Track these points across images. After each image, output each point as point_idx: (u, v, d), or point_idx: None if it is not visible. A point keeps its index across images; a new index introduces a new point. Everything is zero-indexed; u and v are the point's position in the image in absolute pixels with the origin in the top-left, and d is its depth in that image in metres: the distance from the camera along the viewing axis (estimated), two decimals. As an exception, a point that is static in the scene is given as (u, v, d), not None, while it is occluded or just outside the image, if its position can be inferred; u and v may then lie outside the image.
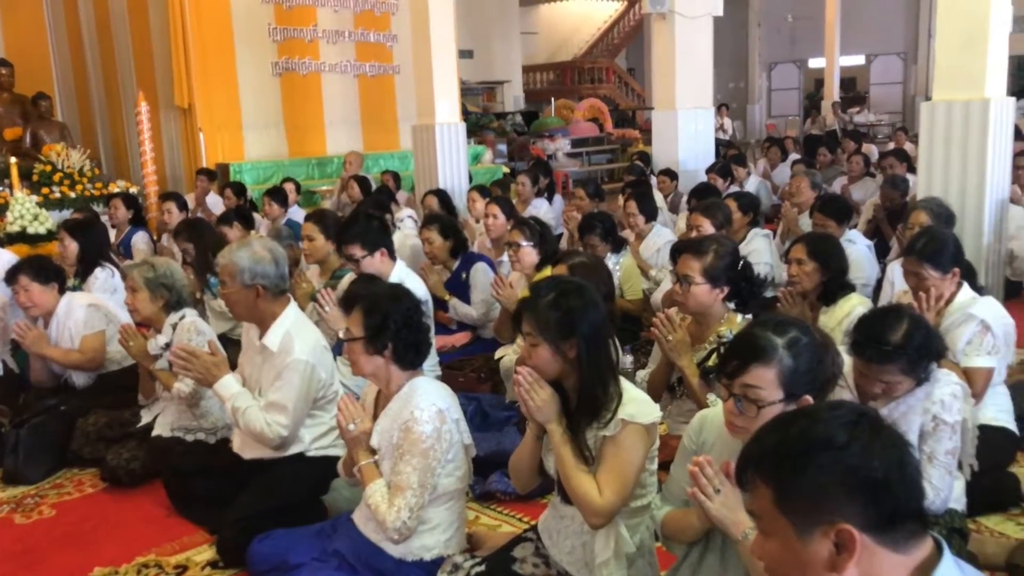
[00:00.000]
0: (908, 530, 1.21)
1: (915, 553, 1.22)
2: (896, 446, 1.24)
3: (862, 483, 1.20)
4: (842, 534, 1.19)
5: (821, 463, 1.21)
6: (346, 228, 4.11)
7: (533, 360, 2.25)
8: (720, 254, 3.07)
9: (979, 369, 3.15)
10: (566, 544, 2.39)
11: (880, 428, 1.26)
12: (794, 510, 1.23)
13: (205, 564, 2.92)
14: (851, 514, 1.19)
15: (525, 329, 2.27)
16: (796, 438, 1.26)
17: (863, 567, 1.20)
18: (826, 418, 1.27)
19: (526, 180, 7.17)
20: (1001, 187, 4.53)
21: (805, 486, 1.22)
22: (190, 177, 9.85)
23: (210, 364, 3.05)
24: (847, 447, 1.22)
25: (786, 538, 1.24)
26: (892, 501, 1.20)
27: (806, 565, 1.23)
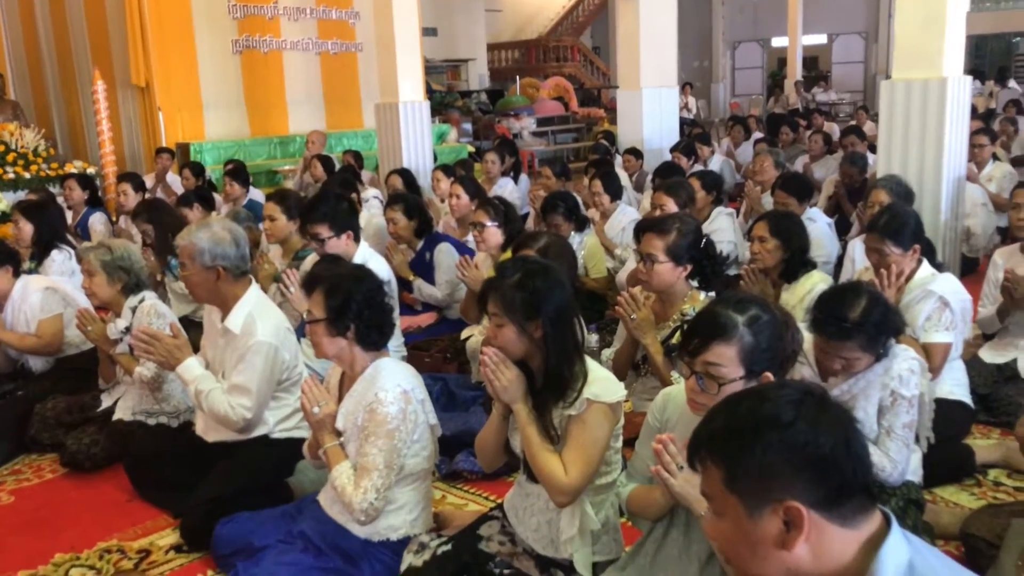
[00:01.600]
0: (856, 505, 1.23)
1: (864, 527, 1.23)
2: (842, 423, 1.25)
3: (809, 460, 1.21)
4: (790, 511, 1.20)
5: (768, 442, 1.22)
6: (314, 207, 4.05)
7: (499, 340, 2.25)
8: (683, 232, 3.09)
9: (937, 344, 3.22)
10: (532, 522, 2.40)
11: (826, 406, 1.27)
12: (743, 489, 1.24)
13: (169, 548, 2.89)
14: (799, 491, 1.20)
15: (491, 309, 2.26)
16: (743, 418, 1.27)
17: (812, 543, 1.21)
18: (773, 397, 1.27)
19: (494, 159, 7.14)
20: (958, 165, 4.60)
21: (753, 465, 1.22)
22: (150, 157, 9.66)
23: (172, 347, 3.01)
24: (793, 425, 1.22)
25: (737, 517, 1.25)
26: (839, 477, 1.21)
27: (757, 543, 1.24)
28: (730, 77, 23.19)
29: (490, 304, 2.27)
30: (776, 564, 1.23)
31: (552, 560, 2.35)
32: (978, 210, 5.84)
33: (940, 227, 4.55)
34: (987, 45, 21.40)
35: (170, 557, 2.85)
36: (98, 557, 2.86)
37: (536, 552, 2.38)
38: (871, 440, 2.58)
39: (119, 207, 6.68)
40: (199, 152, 9.48)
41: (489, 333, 2.28)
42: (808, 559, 1.22)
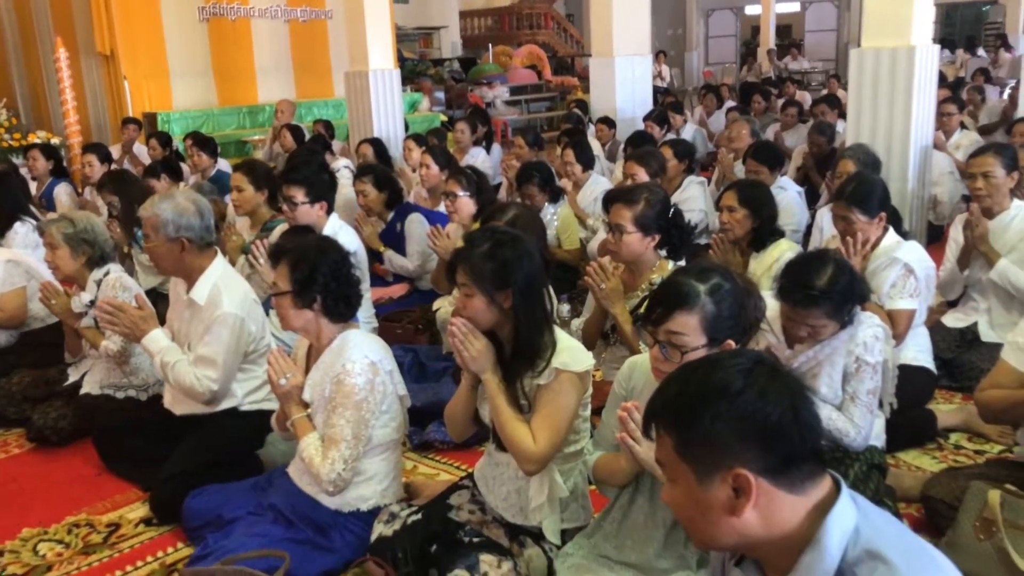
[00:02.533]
0: (805, 472, 1.24)
1: (813, 493, 1.25)
2: (791, 391, 1.26)
3: (756, 429, 1.22)
4: (739, 479, 1.22)
5: (717, 411, 1.23)
6: (295, 168, 3.99)
7: (468, 311, 2.25)
8: (651, 203, 3.09)
9: (902, 311, 3.26)
10: (501, 491, 2.42)
11: (775, 374, 1.28)
12: (693, 457, 1.25)
13: (138, 521, 2.88)
14: (747, 459, 1.21)
15: (460, 280, 2.26)
16: (694, 387, 1.28)
17: (761, 509, 1.23)
18: (725, 366, 1.28)
19: (465, 128, 7.09)
20: (925, 133, 4.64)
21: (702, 433, 1.24)
22: (116, 127, 9.48)
23: (137, 318, 2.98)
24: (742, 394, 1.24)
25: (688, 484, 1.27)
26: (787, 445, 1.22)
27: (707, 510, 1.26)
28: (703, 45, 23.13)
29: (459, 274, 2.26)
30: (727, 529, 1.25)
31: (522, 528, 2.37)
32: (945, 178, 5.90)
33: (907, 195, 4.60)
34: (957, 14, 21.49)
35: (140, 530, 2.84)
36: (67, 531, 2.85)
37: (506, 520, 2.40)
38: (835, 406, 2.62)
39: (84, 178, 6.57)
40: (166, 122, 9.34)
41: (458, 303, 2.28)
42: (758, 525, 1.23)
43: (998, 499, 2.30)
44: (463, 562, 2.21)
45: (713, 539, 1.29)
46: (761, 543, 1.26)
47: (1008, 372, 2.55)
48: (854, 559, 1.20)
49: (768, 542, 1.25)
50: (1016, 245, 3.71)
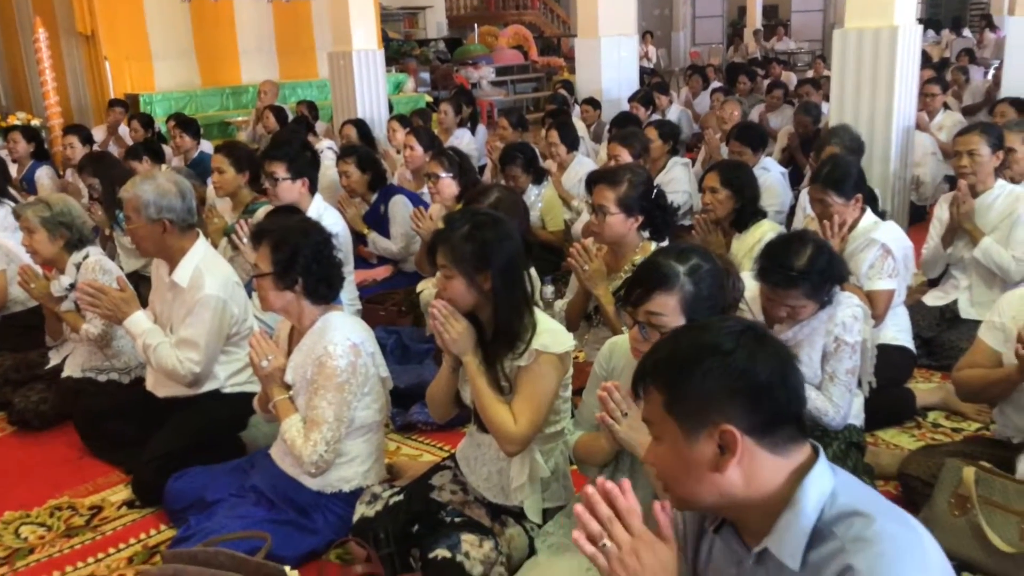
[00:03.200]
0: (787, 435, 1.28)
1: (794, 456, 1.28)
2: (779, 356, 1.30)
3: (746, 387, 1.25)
4: (725, 435, 1.25)
5: (708, 367, 1.27)
6: (277, 145, 3.97)
7: (448, 292, 2.25)
8: (634, 183, 3.09)
9: (881, 291, 3.28)
10: (483, 471, 2.43)
11: (765, 339, 1.32)
12: (682, 412, 1.28)
13: (120, 504, 2.89)
14: (734, 416, 1.25)
15: (440, 261, 2.25)
16: (687, 346, 1.32)
17: (744, 467, 1.26)
18: (716, 328, 1.32)
19: (448, 109, 7.05)
20: (907, 114, 4.65)
21: (693, 389, 1.27)
22: (97, 109, 9.40)
23: (119, 301, 2.97)
24: (733, 353, 1.27)
25: (674, 441, 1.29)
26: (773, 406, 1.26)
27: (692, 466, 1.28)
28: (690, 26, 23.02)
29: (439, 256, 2.26)
30: (709, 487, 1.28)
31: (503, 507, 2.39)
32: (927, 159, 5.93)
33: (889, 176, 4.61)
34: (944, -6, 21.49)
35: (122, 513, 2.84)
36: (48, 514, 2.85)
37: (487, 500, 2.42)
38: (815, 385, 2.65)
39: (66, 160, 6.50)
40: (149, 103, 9.25)
41: (439, 285, 2.28)
42: (740, 483, 1.27)
43: (972, 476, 2.34)
44: (445, 542, 2.22)
45: (694, 496, 1.31)
46: (741, 504, 1.29)
47: (985, 351, 2.58)
48: (831, 518, 1.24)
49: (748, 503, 1.28)
50: (998, 225, 3.74)
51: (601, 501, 1.33)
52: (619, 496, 1.33)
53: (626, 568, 1.29)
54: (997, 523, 2.27)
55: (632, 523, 1.32)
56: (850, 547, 1.19)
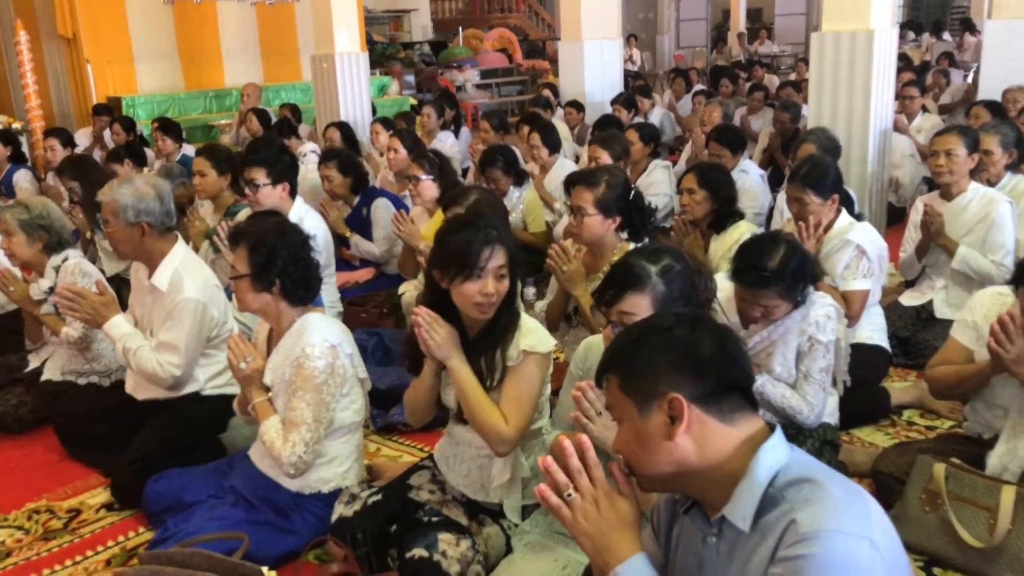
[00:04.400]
0: (734, 404, 1.36)
1: (743, 426, 1.36)
2: (718, 331, 1.40)
3: (688, 358, 1.35)
4: (673, 404, 1.33)
5: (653, 343, 1.38)
6: (255, 151, 3.97)
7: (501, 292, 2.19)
8: (611, 185, 3.11)
9: (856, 292, 3.32)
10: (462, 468, 2.45)
11: (704, 319, 1.45)
12: (633, 389, 1.37)
13: (99, 507, 2.88)
14: (680, 386, 1.34)
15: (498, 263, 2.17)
16: (634, 331, 1.44)
17: (695, 435, 1.33)
18: (660, 315, 1.48)
19: (431, 112, 7.06)
20: (885, 116, 4.70)
21: (640, 365, 1.37)
22: (79, 112, 9.37)
23: (98, 304, 2.97)
24: (673, 329, 1.39)
25: (632, 418, 1.38)
26: (716, 374, 1.35)
27: (648, 439, 1.36)
28: (675, 29, 23.13)
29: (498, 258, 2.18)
30: (665, 456, 1.35)
31: (481, 507, 2.41)
32: (906, 161, 5.98)
33: (867, 177, 4.66)
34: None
35: (101, 516, 2.84)
36: (26, 518, 2.84)
37: (466, 499, 2.44)
38: (789, 384, 2.68)
39: (46, 163, 6.49)
40: (131, 106, 9.22)
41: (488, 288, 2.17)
42: (692, 450, 1.34)
43: (943, 472, 2.37)
44: (422, 541, 2.23)
45: (654, 469, 1.37)
46: (697, 474, 1.35)
47: (957, 348, 2.62)
48: (783, 484, 1.30)
49: (704, 473, 1.34)
50: (973, 227, 3.78)
51: (574, 454, 1.41)
52: (590, 448, 1.41)
53: (587, 517, 1.39)
54: (967, 518, 2.30)
55: (595, 475, 1.41)
56: (797, 506, 1.26)
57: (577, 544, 1.43)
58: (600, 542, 1.39)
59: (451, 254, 2.18)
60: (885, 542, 1.24)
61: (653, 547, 1.55)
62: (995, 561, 2.24)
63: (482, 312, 2.20)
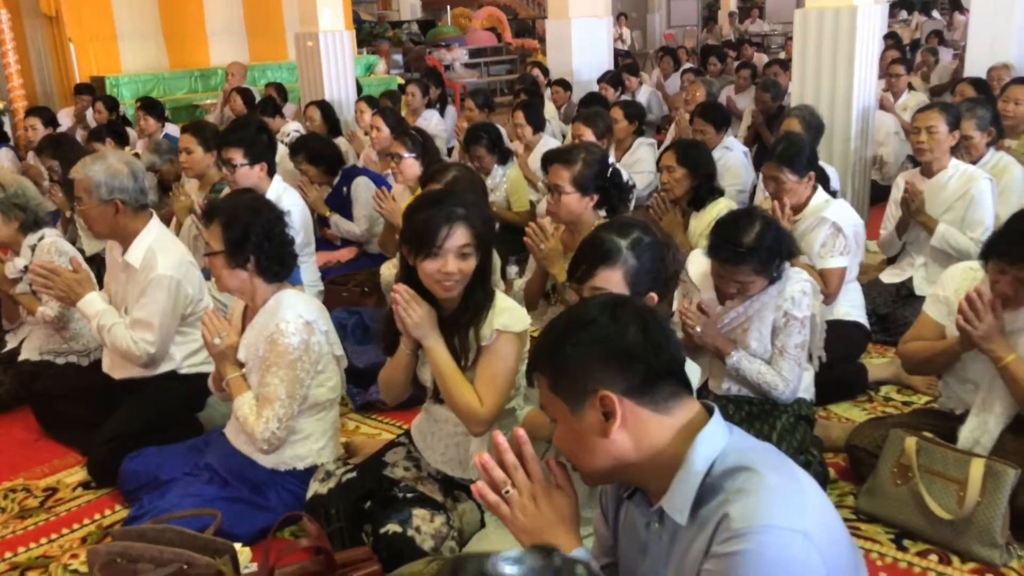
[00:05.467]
0: (668, 392, 1.32)
1: (679, 413, 1.32)
2: (642, 316, 1.34)
3: (612, 351, 1.30)
4: (605, 401, 1.29)
5: (576, 340, 1.32)
6: (232, 131, 3.94)
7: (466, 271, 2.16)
8: (588, 162, 3.09)
9: (833, 269, 3.33)
10: (439, 446, 2.45)
11: (623, 303, 1.38)
12: (563, 389, 1.33)
13: (76, 485, 2.88)
14: (609, 381, 1.29)
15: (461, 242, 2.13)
16: (557, 327, 1.38)
17: (630, 429, 1.30)
18: (583, 305, 1.40)
19: (415, 90, 7.02)
20: (868, 94, 4.68)
21: (567, 364, 1.32)
22: (62, 91, 9.29)
23: (72, 281, 2.95)
24: (595, 321, 1.33)
25: (566, 418, 1.34)
26: (642, 364, 1.30)
27: (583, 438, 1.32)
28: (665, 8, 22.97)
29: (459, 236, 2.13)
30: (603, 454, 1.31)
31: (457, 483, 2.41)
32: (891, 139, 5.98)
33: (850, 155, 4.65)
34: (916, -25, 21.56)
35: (77, 494, 2.83)
36: (2, 496, 2.84)
37: (442, 475, 2.44)
38: (765, 360, 2.68)
39: (28, 143, 6.42)
40: (115, 86, 9.15)
41: (449, 268, 2.14)
42: (629, 445, 1.30)
43: (914, 446, 2.39)
44: (396, 517, 2.24)
45: (595, 466, 1.35)
46: (637, 466, 1.32)
47: (929, 324, 2.63)
48: (720, 473, 1.27)
49: (643, 464, 1.32)
50: (952, 205, 3.78)
51: (508, 449, 1.39)
52: (527, 443, 1.39)
53: (526, 513, 1.37)
54: (937, 491, 2.32)
55: (533, 469, 1.39)
56: (731, 498, 1.23)
57: (517, 540, 1.40)
58: (539, 537, 1.36)
59: (412, 231, 2.18)
60: (822, 531, 1.20)
61: (603, 528, 1.55)
62: (964, 533, 2.26)
63: (445, 291, 2.18)
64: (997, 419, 2.41)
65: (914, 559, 2.32)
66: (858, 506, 2.54)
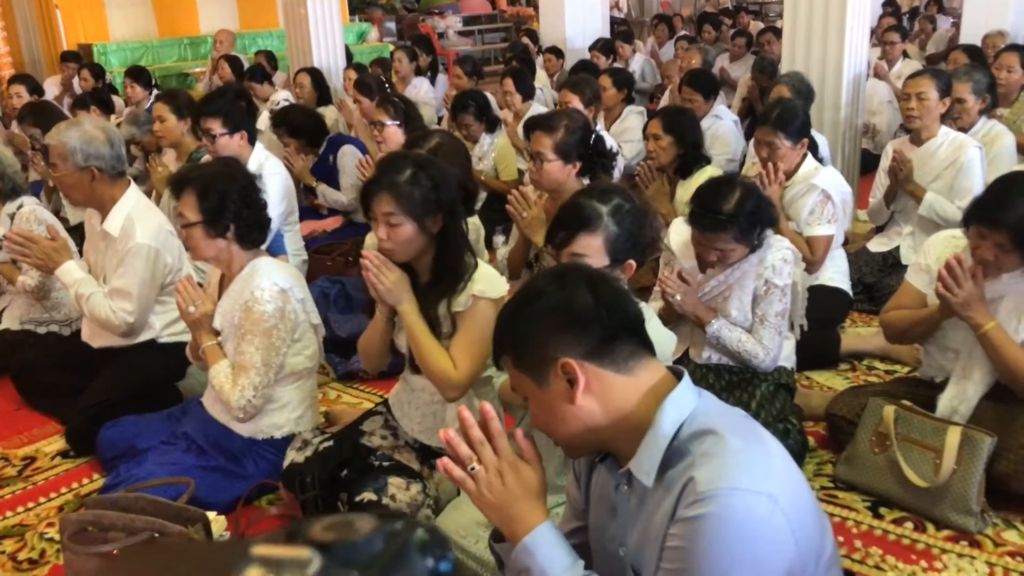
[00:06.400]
0: (627, 351, 1.31)
1: (642, 375, 1.32)
2: (587, 278, 1.34)
3: (564, 317, 1.30)
4: (566, 367, 1.29)
5: (527, 314, 1.34)
6: (210, 100, 3.90)
7: (395, 240, 2.16)
8: (571, 129, 3.05)
9: (820, 237, 3.31)
10: (416, 415, 2.44)
11: (569, 270, 1.41)
12: (527, 365, 1.33)
13: (55, 454, 2.88)
14: (566, 347, 1.29)
15: (384, 209, 2.14)
16: (511, 306, 1.39)
17: (595, 393, 1.30)
18: (534, 279, 1.41)
19: (403, 57, 6.93)
20: (859, 61, 4.62)
21: (524, 340, 1.33)
22: (50, 59, 9.18)
23: (49, 250, 2.93)
24: (544, 291, 1.34)
25: (535, 393, 1.34)
26: (597, 325, 1.30)
27: (553, 408, 1.32)
28: (663, -25, 22.71)
29: (382, 204, 2.14)
30: (574, 421, 1.31)
31: (434, 451, 2.40)
32: (884, 107, 5.93)
33: (840, 123, 4.60)
34: (917, -58, 21.27)
35: (55, 463, 2.83)
36: (-20, 466, 2.84)
37: (419, 444, 2.43)
38: (745, 328, 2.67)
39: (12, 111, 6.35)
40: (103, 54, 9.05)
41: (380, 234, 2.17)
42: (597, 410, 1.30)
43: (892, 414, 2.38)
44: (371, 485, 2.24)
45: (568, 435, 1.35)
46: (607, 430, 1.32)
47: (911, 292, 2.61)
48: (687, 436, 1.27)
49: (612, 429, 1.31)
50: (941, 173, 3.76)
51: (474, 425, 1.37)
52: (494, 418, 1.37)
53: (492, 489, 1.35)
54: (914, 459, 2.32)
55: (499, 445, 1.37)
56: (697, 461, 1.23)
57: (485, 516, 1.40)
58: (506, 513, 1.36)
59: (360, 199, 2.23)
60: (787, 494, 1.20)
61: (575, 492, 1.55)
62: (939, 500, 2.26)
63: (388, 255, 2.19)
64: (976, 387, 2.41)
65: (889, 527, 2.32)
66: (836, 474, 2.54)
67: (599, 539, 1.46)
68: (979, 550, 2.20)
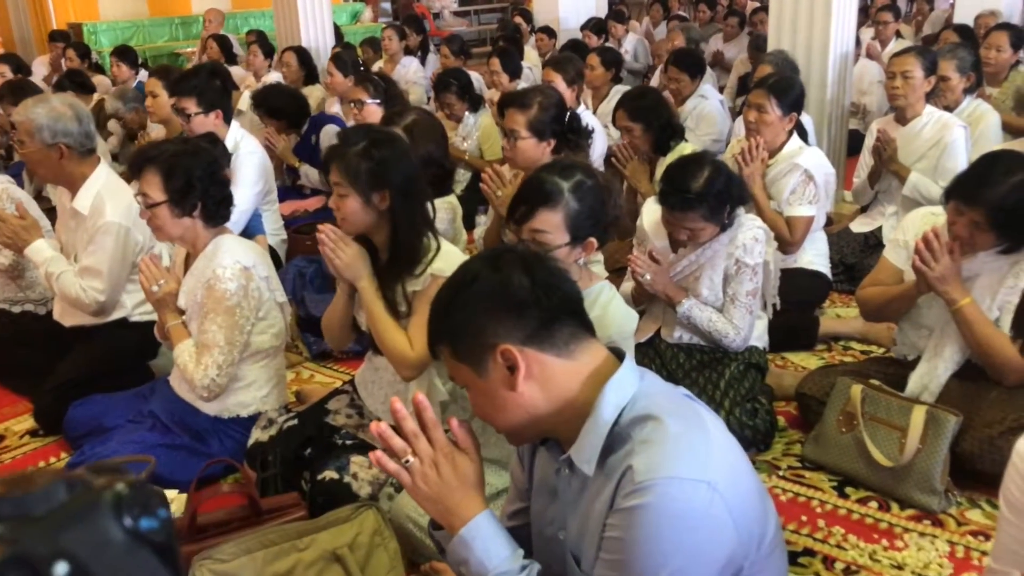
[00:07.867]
0: (567, 334, 1.27)
1: (584, 359, 1.28)
2: (522, 260, 1.29)
3: (501, 302, 1.26)
4: (506, 354, 1.25)
5: (462, 301, 1.29)
6: (184, 79, 3.86)
7: (342, 211, 2.18)
8: (544, 106, 3.02)
9: (800, 218, 3.28)
10: (380, 393, 2.43)
11: (503, 253, 1.33)
12: (464, 353, 1.28)
13: (24, 433, 2.87)
14: (505, 333, 1.25)
15: (334, 179, 2.17)
16: (443, 295, 1.33)
17: (536, 378, 1.26)
18: (459, 269, 1.35)
19: (392, 35, 6.88)
20: (845, 40, 4.57)
21: (461, 329, 1.28)
22: (40, 39, 9.12)
23: (18, 228, 2.91)
24: (477, 277, 1.29)
25: (475, 383, 1.29)
26: (535, 309, 1.26)
27: (494, 397, 1.28)
28: (663, -45, 22.52)
29: (333, 173, 2.17)
30: (515, 409, 1.28)
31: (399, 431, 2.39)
32: (875, 88, 5.88)
33: (826, 103, 4.55)
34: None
35: (24, 442, 2.82)
36: (-51, 444, 2.83)
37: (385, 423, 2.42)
38: (717, 308, 2.65)
39: (-2, 91, 6.30)
40: (93, 33, 9.00)
41: (332, 203, 2.20)
42: (539, 396, 1.26)
43: (859, 394, 2.36)
44: (333, 463, 2.23)
45: (511, 423, 1.31)
46: (550, 417, 1.29)
47: (888, 269, 2.59)
48: (628, 422, 1.23)
49: (555, 415, 1.28)
50: (926, 153, 3.72)
51: (408, 417, 1.34)
52: (427, 408, 1.34)
53: (427, 481, 1.32)
54: (880, 438, 2.30)
55: (434, 435, 1.34)
56: (636, 449, 1.19)
57: (421, 508, 1.37)
58: (443, 505, 1.33)
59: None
60: (727, 480, 1.18)
61: (519, 472, 1.53)
62: (903, 479, 2.25)
63: (344, 228, 2.19)
64: (946, 364, 2.39)
65: (854, 506, 2.30)
66: (804, 454, 2.52)
67: (539, 521, 1.44)
68: (942, 529, 2.18)
